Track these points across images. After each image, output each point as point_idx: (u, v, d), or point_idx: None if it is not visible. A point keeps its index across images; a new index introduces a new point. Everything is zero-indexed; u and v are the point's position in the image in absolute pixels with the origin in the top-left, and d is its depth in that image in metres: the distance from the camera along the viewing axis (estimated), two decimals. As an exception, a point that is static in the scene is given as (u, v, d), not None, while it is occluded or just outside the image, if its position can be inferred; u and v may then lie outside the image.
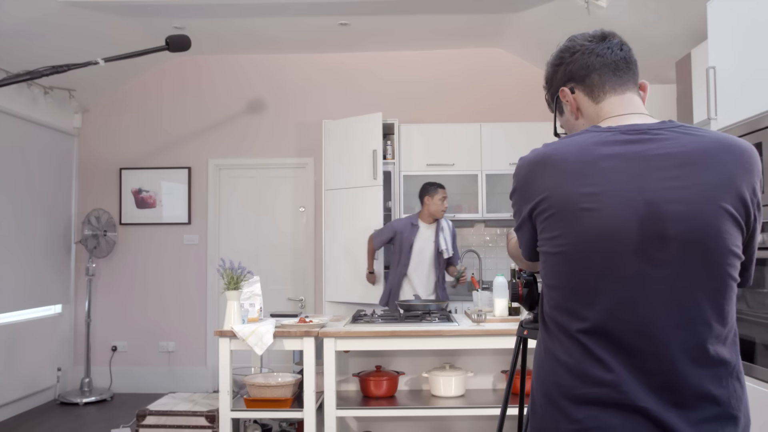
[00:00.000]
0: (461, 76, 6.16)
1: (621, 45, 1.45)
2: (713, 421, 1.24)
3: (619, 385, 1.24)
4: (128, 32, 5.33)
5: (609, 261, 1.26)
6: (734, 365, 1.27)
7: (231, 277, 3.47)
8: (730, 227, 1.24)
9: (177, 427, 3.46)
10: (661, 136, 1.29)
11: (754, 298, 2.81)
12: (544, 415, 1.34)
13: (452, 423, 3.72)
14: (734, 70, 2.92)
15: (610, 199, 1.26)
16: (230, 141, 6.31)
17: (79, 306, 6.16)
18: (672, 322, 1.24)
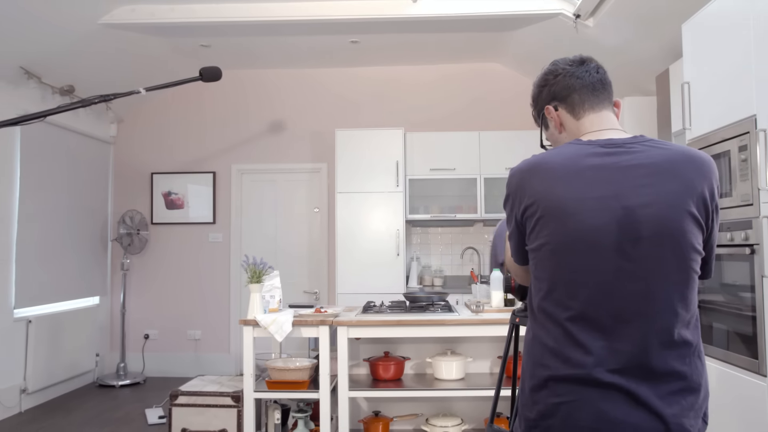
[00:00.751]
0: (462, 88, 6.15)
1: (597, 68, 1.48)
2: (678, 393, 1.28)
3: (596, 366, 1.28)
4: (160, 50, 5.40)
5: (590, 257, 1.29)
6: (696, 345, 1.32)
7: (254, 271, 3.47)
8: (692, 227, 1.29)
9: (206, 406, 3.46)
10: (634, 149, 1.33)
11: (715, 289, 2.88)
12: (530, 392, 1.37)
13: (453, 403, 3.70)
14: (706, 86, 2.94)
15: (592, 203, 1.30)
16: (251, 148, 6.30)
17: (115, 298, 6.22)
18: (644, 310, 1.28)
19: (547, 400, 1.33)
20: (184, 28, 4.87)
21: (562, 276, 1.33)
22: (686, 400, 1.29)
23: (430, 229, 6.05)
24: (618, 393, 1.27)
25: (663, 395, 1.27)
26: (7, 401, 4.77)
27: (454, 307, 3.77)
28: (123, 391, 5.56)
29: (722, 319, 2.78)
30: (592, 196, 1.30)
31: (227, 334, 6.20)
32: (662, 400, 1.27)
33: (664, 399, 1.27)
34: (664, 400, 1.27)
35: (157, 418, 4.58)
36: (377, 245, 5.51)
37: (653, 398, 1.27)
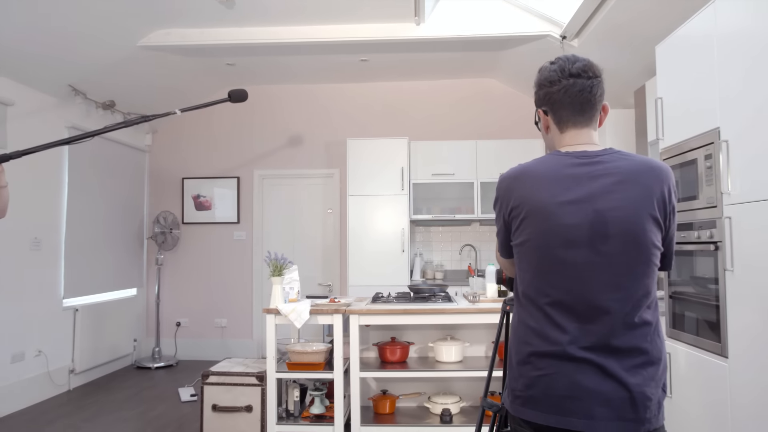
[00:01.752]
0: (460, 101, 6.13)
1: (592, 87, 1.43)
2: (641, 366, 1.32)
3: (571, 344, 1.32)
4: (190, 68, 5.42)
5: (566, 251, 1.34)
6: (655, 325, 1.36)
7: (275, 266, 3.49)
8: (652, 227, 1.34)
9: (233, 384, 3.44)
10: (604, 161, 1.38)
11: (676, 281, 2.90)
12: (517, 367, 1.42)
13: (452, 383, 3.72)
14: (676, 100, 2.94)
15: (569, 206, 1.34)
16: (271, 155, 6.30)
17: (150, 289, 6.23)
18: (612, 296, 1.32)
19: (530, 373, 1.37)
20: (212, 49, 4.91)
21: (543, 268, 1.37)
22: (647, 372, 1.32)
23: (432, 228, 6.06)
24: (589, 366, 1.31)
25: (628, 368, 1.31)
26: (58, 380, 4.83)
27: (453, 298, 3.78)
28: (158, 372, 5.60)
29: (692, 308, 2.80)
30: (569, 199, 1.34)
31: (250, 321, 6.20)
32: (627, 371, 1.31)
33: (629, 371, 1.31)
34: (629, 371, 1.31)
35: (189, 396, 4.60)
36: (384, 242, 5.53)
37: (619, 370, 1.30)
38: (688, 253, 2.82)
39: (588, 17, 3.89)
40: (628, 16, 3.65)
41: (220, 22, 4.51)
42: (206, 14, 4.36)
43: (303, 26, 4.62)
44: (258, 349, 6.14)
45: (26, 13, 3.72)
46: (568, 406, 1.31)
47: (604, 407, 1.29)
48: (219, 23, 4.55)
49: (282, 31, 4.66)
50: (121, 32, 4.44)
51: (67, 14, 3.91)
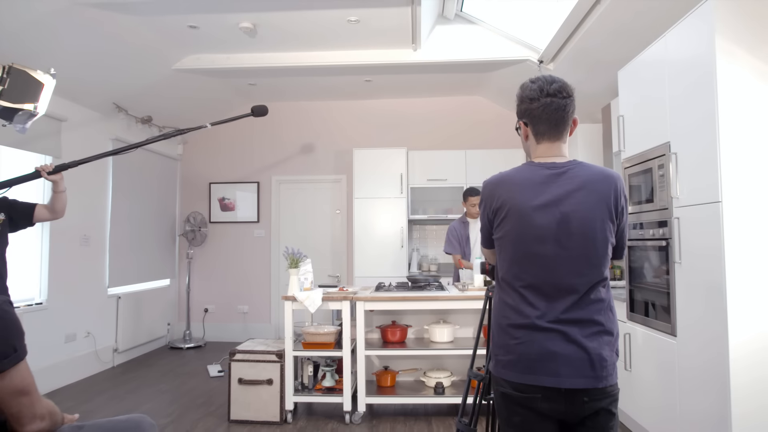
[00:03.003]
0: (451, 116, 6.11)
1: (566, 103, 1.45)
2: (597, 333, 1.40)
3: (541, 318, 1.41)
4: (217, 87, 5.43)
5: (538, 245, 1.42)
6: (608, 301, 1.44)
7: (292, 259, 3.52)
8: (607, 225, 1.42)
9: (256, 361, 3.44)
10: (569, 171, 1.45)
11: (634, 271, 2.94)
12: (498, 337, 1.49)
13: (444, 360, 3.74)
14: (635, 118, 2.99)
15: (541, 208, 1.42)
16: (287, 163, 6.29)
17: (182, 280, 6.21)
18: (574, 281, 1.40)
19: (507, 341, 1.45)
20: (236, 71, 4.92)
21: (518, 258, 1.45)
22: (603, 339, 1.41)
23: (427, 226, 6.03)
24: (556, 334, 1.39)
25: (586, 335, 1.39)
26: (104, 358, 4.88)
27: (446, 287, 3.80)
28: (188, 352, 5.62)
29: (647, 295, 2.86)
30: (540, 203, 1.42)
31: (268, 308, 6.19)
32: (586, 338, 1.39)
33: (587, 337, 1.39)
34: (587, 338, 1.39)
35: (216, 372, 4.63)
36: (385, 239, 5.52)
37: (580, 337, 1.39)
38: (645, 249, 2.88)
39: (561, 45, 3.95)
40: (595, 44, 3.70)
41: (244, 48, 4.54)
42: (231, 42, 4.40)
43: (315, 52, 4.64)
44: (275, 331, 6.11)
45: (79, 43, 3.79)
46: (539, 367, 1.38)
47: (568, 367, 1.37)
48: (242, 49, 4.57)
49: (297, 56, 4.67)
50: (158, 58, 4.49)
51: (113, 44, 3.98)
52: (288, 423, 3.38)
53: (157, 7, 3.68)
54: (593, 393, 1.38)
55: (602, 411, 1.40)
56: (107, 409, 3.71)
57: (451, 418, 3.47)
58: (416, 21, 4.03)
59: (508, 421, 1.46)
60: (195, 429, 3.32)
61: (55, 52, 3.75)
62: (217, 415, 3.57)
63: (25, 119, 1.89)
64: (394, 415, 3.56)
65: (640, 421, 2.97)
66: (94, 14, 3.53)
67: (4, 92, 1.80)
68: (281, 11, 3.89)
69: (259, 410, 3.40)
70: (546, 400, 1.39)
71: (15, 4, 3.18)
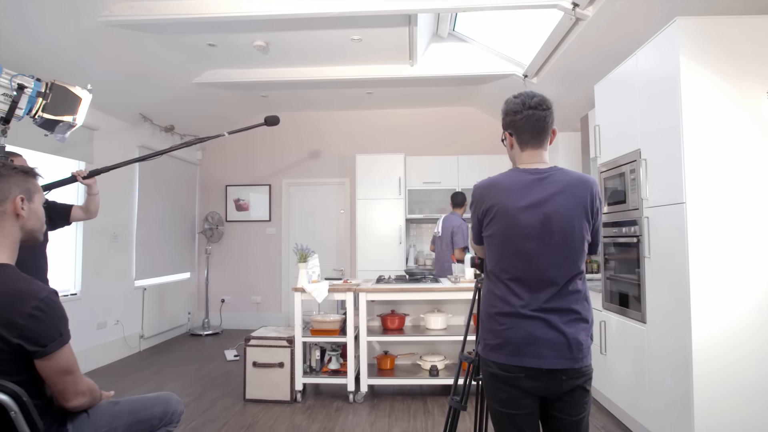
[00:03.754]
0: (445, 125, 6.11)
1: (546, 116, 1.47)
2: (574, 321, 1.43)
3: (525, 307, 1.42)
4: (233, 99, 5.44)
5: (523, 242, 1.44)
6: (584, 292, 1.46)
7: (301, 254, 3.53)
8: (584, 224, 1.44)
9: (269, 346, 3.45)
10: (550, 176, 1.47)
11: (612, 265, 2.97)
12: (486, 323, 1.52)
13: (439, 345, 3.75)
14: (610, 127, 3.00)
15: (526, 209, 1.44)
16: (296, 167, 6.28)
17: (201, 273, 6.21)
18: (554, 274, 1.42)
19: (495, 327, 1.47)
20: (250, 85, 4.93)
21: (506, 254, 1.47)
22: (579, 325, 1.43)
23: (423, 225, 6.02)
24: (538, 321, 1.41)
25: (565, 322, 1.42)
26: (131, 343, 4.89)
27: (440, 279, 3.82)
28: (207, 338, 5.62)
29: (621, 286, 2.88)
30: (525, 205, 1.44)
31: (279, 298, 6.19)
32: (565, 324, 1.42)
33: (566, 324, 1.42)
34: (566, 324, 1.42)
35: (232, 356, 4.63)
36: (385, 236, 5.51)
37: (560, 323, 1.41)
38: (619, 245, 2.89)
39: (544, 61, 3.96)
40: (573, 61, 3.72)
41: (257, 64, 4.55)
42: (246, 58, 4.41)
43: (321, 67, 4.65)
44: (285, 319, 6.10)
45: (110, 60, 3.81)
46: (524, 350, 1.41)
47: (549, 350, 1.40)
48: (256, 65, 4.58)
49: (305, 71, 4.69)
50: (180, 73, 4.51)
51: (140, 60, 4.00)
52: (297, 402, 3.41)
53: (180, 28, 3.70)
54: (570, 372, 1.41)
55: (578, 388, 1.43)
56: (135, 389, 3.74)
57: (444, 397, 3.49)
58: (413, 39, 4.06)
59: (494, 398, 1.48)
60: (214, 407, 3.34)
61: (88, 68, 3.77)
62: (234, 394, 3.58)
63: (64, 130, 1.93)
64: (393, 395, 3.58)
65: (614, 400, 3.00)
66: (124, 34, 3.56)
67: (47, 106, 1.84)
68: (291, 31, 3.91)
69: (271, 390, 3.43)
70: (529, 379, 1.42)
71: (54, 27, 3.21)
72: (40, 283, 1.29)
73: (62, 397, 1.32)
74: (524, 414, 1.44)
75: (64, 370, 1.29)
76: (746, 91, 2.21)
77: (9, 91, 1.75)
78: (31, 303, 1.22)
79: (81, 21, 3.25)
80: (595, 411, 3.17)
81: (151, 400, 1.63)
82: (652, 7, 2.75)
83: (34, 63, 3.41)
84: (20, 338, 1.21)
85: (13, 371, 1.22)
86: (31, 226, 1.37)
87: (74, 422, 1.40)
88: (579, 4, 3.03)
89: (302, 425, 2.99)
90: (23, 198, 1.34)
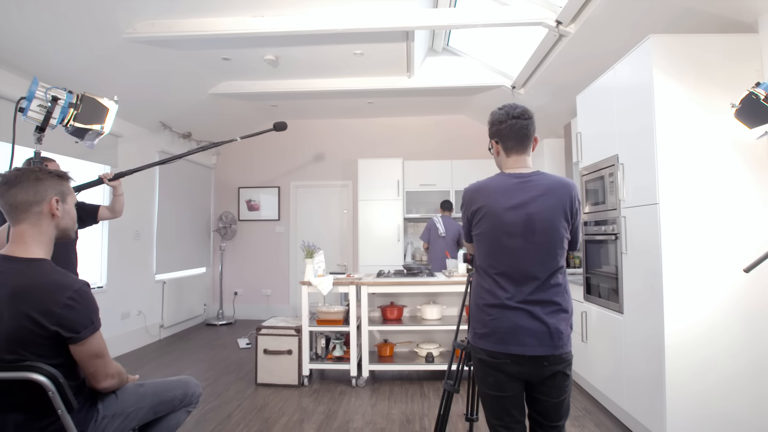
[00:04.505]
0: (440, 131, 6.10)
1: (527, 126, 1.49)
2: (555, 311, 1.44)
3: (510, 299, 1.44)
4: (245, 108, 5.44)
5: (508, 240, 1.46)
6: (564, 285, 1.48)
7: (308, 251, 3.54)
8: (563, 224, 1.46)
9: (278, 335, 3.45)
10: (533, 180, 1.48)
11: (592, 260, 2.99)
12: (476, 314, 1.53)
13: (434, 334, 3.76)
14: (590, 134, 3.02)
15: (511, 210, 1.46)
16: (303, 170, 6.26)
17: (215, 268, 6.24)
18: (537, 268, 1.44)
19: (483, 318, 1.49)
20: (261, 95, 4.94)
21: (492, 250, 1.48)
22: (560, 316, 1.45)
23: (420, 224, 5.97)
24: (523, 312, 1.43)
25: (547, 313, 1.43)
26: (152, 332, 4.89)
27: (435, 274, 3.81)
28: (221, 328, 5.61)
29: (601, 280, 2.90)
30: (510, 206, 1.46)
31: (287, 291, 6.17)
32: (547, 315, 1.43)
33: (548, 315, 1.43)
34: (548, 315, 1.43)
35: (244, 344, 4.63)
36: (385, 234, 5.51)
37: (542, 314, 1.43)
38: (599, 242, 2.91)
39: (530, 73, 3.97)
40: (557, 73, 3.73)
41: (268, 76, 4.56)
42: (258, 71, 4.42)
43: (326, 79, 4.67)
44: (293, 311, 6.10)
45: (134, 73, 3.83)
46: (509, 338, 1.43)
47: (532, 338, 1.41)
48: (266, 77, 4.59)
49: (311, 82, 4.70)
50: (197, 84, 4.52)
51: (160, 73, 4.02)
52: (305, 386, 3.43)
53: (197, 44, 3.73)
54: (552, 359, 1.42)
55: (559, 373, 1.45)
56: (156, 374, 3.75)
57: (439, 381, 3.51)
58: (410, 54, 4.09)
59: (483, 381, 1.50)
60: (228, 390, 3.36)
61: (114, 80, 3.79)
62: (246, 379, 3.59)
63: (93, 137, 1.95)
64: (392, 379, 3.59)
65: (594, 384, 3.02)
66: (146, 49, 3.58)
67: (78, 116, 1.86)
68: (299, 46, 3.93)
69: (281, 375, 3.45)
70: (514, 365, 1.43)
71: (85, 42, 3.24)
72: (73, 275, 1.31)
73: (93, 379, 1.35)
74: (510, 396, 1.46)
75: (96, 354, 1.31)
76: (713, 101, 2.23)
77: (44, 103, 1.77)
78: (66, 294, 1.25)
79: (108, 37, 3.28)
80: (578, 394, 3.19)
81: (172, 383, 1.65)
82: (627, 25, 2.77)
83: (66, 74, 3.44)
84: (57, 325, 1.23)
85: (50, 355, 1.25)
86: (65, 225, 1.39)
87: (104, 402, 1.43)
88: (562, 21, 3.05)
89: (309, 407, 3.02)
90: (58, 199, 1.37)
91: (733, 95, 2.09)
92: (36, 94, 1.77)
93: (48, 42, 3.10)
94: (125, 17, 3.16)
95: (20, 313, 1.21)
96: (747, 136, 2.06)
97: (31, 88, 1.77)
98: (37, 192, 1.32)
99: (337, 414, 2.89)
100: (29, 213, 1.31)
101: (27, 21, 2.87)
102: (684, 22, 2.52)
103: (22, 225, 1.31)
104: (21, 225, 1.30)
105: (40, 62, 3.25)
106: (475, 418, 2.10)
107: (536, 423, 1.50)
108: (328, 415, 2.87)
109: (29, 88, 1.77)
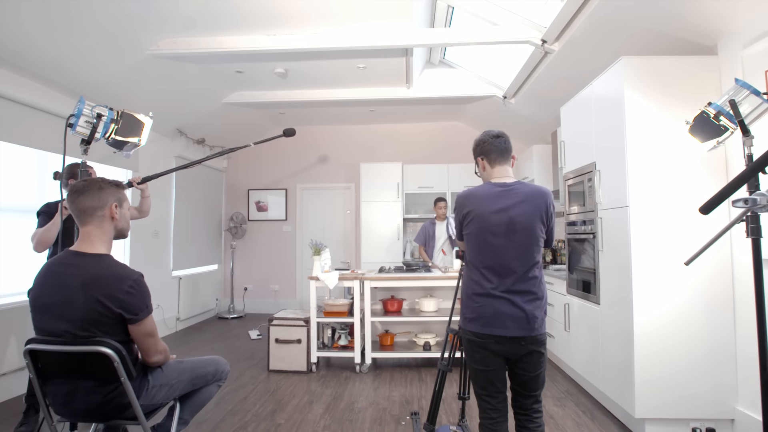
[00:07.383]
0: (437, 137, 6.13)
1: (506, 141, 1.63)
2: (533, 300, 1.56)
3: (495, 289, 1.55)
4: (255, 115, 5.50)
5: (492, 239, 1.58)
6: (540, 278, 1.59)
7: (315, 248, 3.61)
8: (540, 225, 1.59)
9: (288, 325, 3.53)
10: (514, 188, 1.61)
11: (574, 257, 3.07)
12: (465, 301, 1.65)
13: (431, 325, 3.82)
14: (573, 142, 3.12)
15: (495, 213, 1.58)
16: (309, 174, 6.30)
17: (227, 265, 6.29)
18: (517, 263, 1.56)
19: (472, 305, 1.61)
20: (271, 104, 4.99)
21: (480, 247, 1.61)
22: (536, 303, 1.57)
23: (418, 223, 5.99)
24: (505, 300, 1.55)
25: (525, 301, 1.55)
26: (169, 324, 5.00)
27: (432, 269, 3.86)
28: (232, 321, 5.67)
29: (581, 274, 3.00)
30: (495, 210, 1.59)
31: (294, 287, 6.24)
32: (525, 303, 1.55)
33: (526, 303, 1.55)
34: (526, 303, 1.55)
35: (255, 336, 4.72)
36: (386, 233, 5.55)
37: (521, 302, 1.55)
38: (579, 241, 3.03)
39: (520, 85, 4.09)
40: (544, 86, 3.84)
41: (277, 87, 4.64)
42: (268, 82, 4.50)
43: (332, 89, 4.74)
44: (299, 305, 6.16)
45: (154, 85, 3.95)
46: (493, 322, 1.56)
47: (512, 322, 1.54)
48: (276, 88, 4.67)
49: (318, 93, 4.76)
50: (212, 94, 4.63)
51: (178, 85, 4.13)
52: (313, 372, 3.52)
53: (213, 59, 3.84)
54: (528, 339, 1.56)
55: (534, 351, 1.58)
56: (176, 362, 3.90)
57: (436, 368, 3.60)
58: (409, 66, 4.18)
59: (471, 358, 1.64)
60: (243, 375, 3.47)
61: (136, 92, 3.92)
62: (259, 366, 3.70)
63: (130, 149, 2.14)
64: (393, 366, 3.68)
65: (575, 368, 3.14)
66: (166, 64, 3.70)
67: (118, 130, 2.06)
68: (306, 60, 4.02)
69: (291, 362, 3.53)
70: (496, 344, 1.57)
71: (111, 58, 3.38)
72: (131, 268, 1.52)
73: (146, 354, 1.56)
74: (493, 370, 1.61)
75: (149, 333, 1.51)
76: (677, 115, 2.38)
77: (90, 119, 1.97)
78: (127, 282, 1.45)
79: (132, 54, 3.41)
80: (560, 378, 3.35)
81: (206, 360, 1.86)
82: (603, 46, 2.90)
83: (94, 88, 3.57)
84: (120, 308, 1.44)
85: (114, 332, 1.45)
86: (122, 226, 1.60)
87: (153, 374, 1.64)
88: (547, 40, 3.21)
89: (317, 391, 3.12)
90: (116, 205, 1.57)
91: (695, 110, 2.23)
92: (83, 111, 1.96)
93: (79, 57, 3.23)
94: (149, 36, 3.31)
95: (91, 298, 1.41)
96: (703, 148, 2.23)
97: (78, 106, 1.96)
98: (101, 199, 1.52)
99: (343, 396, 3.00)
100: (94, 216, 1.51)
101: (61, 42, 3.04)
102: (651, 44, 2.66)
103: (89, 226, 1.51)
104: (87, 226, 1.51)
105: (71, 75, 3.38)
106: (467, 397, 2.26)
107: (517, 393, 1.65)
108: (335, 398, 2.98)
109: (77, 106, 1.95)
